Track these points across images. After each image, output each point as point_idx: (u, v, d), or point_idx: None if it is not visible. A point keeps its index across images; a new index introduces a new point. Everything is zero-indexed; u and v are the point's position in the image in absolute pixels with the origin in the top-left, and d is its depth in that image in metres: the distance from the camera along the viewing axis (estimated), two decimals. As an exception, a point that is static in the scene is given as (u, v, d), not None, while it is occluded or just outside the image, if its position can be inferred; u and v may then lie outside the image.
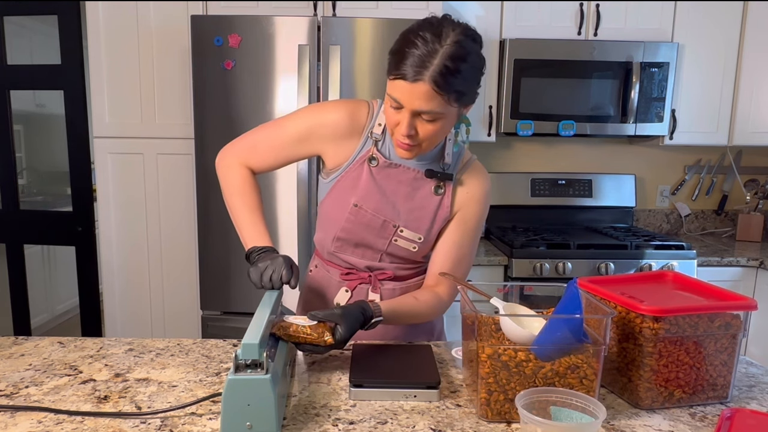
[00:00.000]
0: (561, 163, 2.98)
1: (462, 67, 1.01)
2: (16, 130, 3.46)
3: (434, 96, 1.01)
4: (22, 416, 0.91)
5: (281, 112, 2.19)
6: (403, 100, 1.03)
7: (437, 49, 0.99)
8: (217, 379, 1.06)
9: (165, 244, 2.51)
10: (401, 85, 1.02)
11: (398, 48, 1.04)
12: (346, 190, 1.21)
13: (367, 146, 1.20)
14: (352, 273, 1.28)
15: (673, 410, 0.97)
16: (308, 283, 1.38)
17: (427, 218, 1.21)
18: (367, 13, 2.30)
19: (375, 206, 1.20)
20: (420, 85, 1.00)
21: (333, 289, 1.30)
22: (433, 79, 0.99)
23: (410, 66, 1.00)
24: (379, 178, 1.20)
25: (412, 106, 1.03)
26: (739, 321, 0.97)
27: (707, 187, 3.03)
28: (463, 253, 1.24)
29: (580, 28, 2.56)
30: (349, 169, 1.21)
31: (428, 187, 1.21)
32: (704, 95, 2.65)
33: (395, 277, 1.28)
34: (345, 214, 1.21)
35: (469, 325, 0.98)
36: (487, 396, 0.90)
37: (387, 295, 1.27)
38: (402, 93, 1.03)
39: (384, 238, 1.23)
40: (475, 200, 1.23)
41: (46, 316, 3.97)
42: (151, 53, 2.41)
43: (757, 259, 2.45)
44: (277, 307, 1.05)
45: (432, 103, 1.02)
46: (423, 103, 1.02)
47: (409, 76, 1.00)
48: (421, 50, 0.99)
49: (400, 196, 1.21)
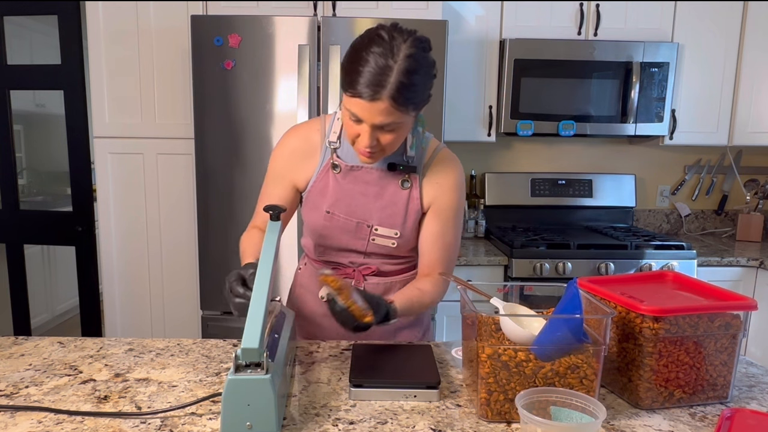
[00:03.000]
0: (561, 163, 2.98)
1: (416, 80, 1.02)
2: (16, 130, 3.46)
3: (393, 111, 1.03)
4: (22, 416, 0.91)
5: (281, 112, 2.19)
6: (362, 116, 1.05)
7: (391, 66, 1.00)
8: (217, 379, 1.06)
9: (165, 244, 2.51)
10: (359, 103, 1.03)
11: (351, 65, 1.04)
12: (317, 199, 1.25)
13: (328, 155, 1.24)
14: (338, 268, 1.31)
15: (673, 410, 0.97)
16: (297, 280, 1.42)
17: (399, 213, 1.23)
18: (367, 13, 2.30)
19: (346, 210, 1.23)
20: (378, 103, 1.02)
21: (319, 283, 1.31)
22: (390, 97, 1.01)
23: (366, 86, 1.01)
24: (344, 182, 1.23)
25: (373, 121, 1.05)
26: (739, 321, 0.97)
27: (707, 187, 3.03)
28: (448, 241, 1.26)
29: (580, 28, 2.56)
30: (316, 180, 1.25)
31: (395, 182, 1.23)
32: (704, 95, 2.65)
33: (379, 272, 1.30)
34: (320, 221, 1.24)
35: (469, 325, 0.98)
36: (487, 396, 0.90)
37: (371, 289, 1.29)
38: (361, 110, 1.04)
39: (362, 239, 1.25)
40: (446, 189, 1.24)
41: (46, 316, 3.97)
42: (151, 53, 2.41)
43: (757, 259, 2.45)
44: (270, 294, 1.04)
45: (391, 117, 1.04)
46: (383, 118, 1.04)
47: (366, 95, 1.01)
48: (375, 68, 1.00)
49: (370, 196, 1.23)
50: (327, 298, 1.01)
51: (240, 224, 2.24)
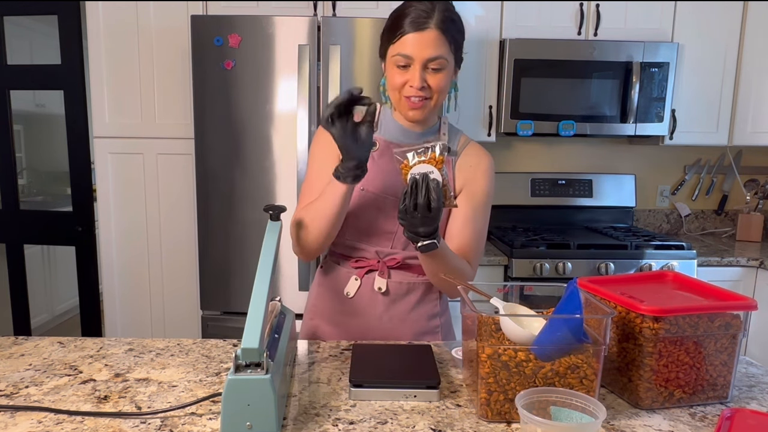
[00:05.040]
0: (561, 163, 2.98)
1: (456, 17, 1.17)
2: (16, 130, 3.46)
3: (441, 41, 1.13)
4: (22, 416, 0.91)
5: (281, 112, 2.19)
6: (413, 52, 1.13)
7: (434, 5, 1.14)
8: (217, 379, 1.06)
9: (165, 244, 2.51)
10: (409, 38, 1.13)
11: (394, 20, 1.17)
12: None
13: None
14: (361, 260, 1.31)
15: (673, 410, 0.97)
16: (318, 281, 1.40)
17: None
18: (367, 13, 2.30)
19: (380, 187, 1.25)
20: (428, 32, 1.12)
21: (343, 280, 1.33)
22: (438, 25, 1.13)
23: (413, 21, 1.13)
24: (381, 161, 1.26)
25: (423, 55, 1.13)
26: (739, 321, 0.97)
27: (707, 187, 3.03)
28: (478, 227, 1.28)
29: (580, 28, 2.56)
30: None
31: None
32: (704, 95, 2.65)
33: (403, 266, 1.30)
34: (354, 200, 1.25)
35: (469, 325, 0.98)
36: (487, 396, 0.90)
37: (393, 288, 1.30)
38: (412, 45, 1.13)
39: (393, 218, 1.26)
40: (479, 173, 1.29)
41: (46, 316, 3.97)
42: (151, 53, 2.41)
43: (757, 259, 2.45)
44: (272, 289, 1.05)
45: (440, 49, 1.14)
46: (432, 50, 1.13)
47: (416, 27, 1.13)
48: (419, 9, 1.14)
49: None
50: (417, 177, 1.02)
51: (240, 224, 2.25)
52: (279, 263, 2.26)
